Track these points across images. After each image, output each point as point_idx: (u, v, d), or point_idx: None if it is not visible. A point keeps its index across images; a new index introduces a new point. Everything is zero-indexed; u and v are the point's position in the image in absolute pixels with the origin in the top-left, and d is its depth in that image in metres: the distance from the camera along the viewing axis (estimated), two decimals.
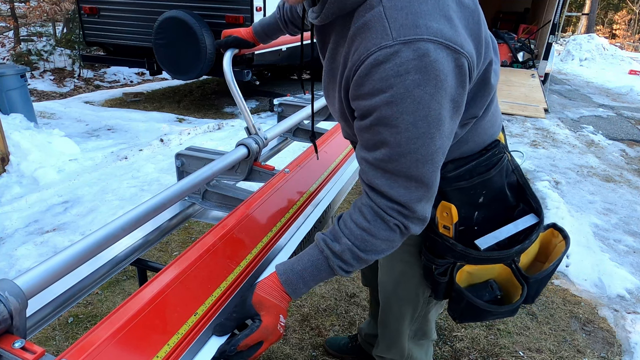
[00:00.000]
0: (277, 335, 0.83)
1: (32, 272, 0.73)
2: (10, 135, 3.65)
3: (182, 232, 2.81)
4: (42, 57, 7.81)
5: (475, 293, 0.98)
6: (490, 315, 1.00)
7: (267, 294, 0.83)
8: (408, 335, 1.20)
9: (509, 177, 0.97)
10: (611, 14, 25.95)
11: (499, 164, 0.95)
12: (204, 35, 5.01)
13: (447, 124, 0.73)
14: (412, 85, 0.67)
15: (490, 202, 0.96)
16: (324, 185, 1.39)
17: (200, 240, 0.95)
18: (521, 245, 0.95)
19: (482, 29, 0.78)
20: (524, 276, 0.98)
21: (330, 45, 0.87)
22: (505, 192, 0.97)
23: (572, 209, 3.46)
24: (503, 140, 0.99)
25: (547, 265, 1.02)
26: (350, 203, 3.53)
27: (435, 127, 0.71)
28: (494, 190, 0.96)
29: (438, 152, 0.75)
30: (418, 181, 0.76)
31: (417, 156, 0.73)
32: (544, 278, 1.00)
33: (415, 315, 1.17)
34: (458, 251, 0.94)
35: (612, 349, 2.05)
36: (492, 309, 0.97)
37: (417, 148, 0.72)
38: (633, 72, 11.85)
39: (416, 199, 0.77)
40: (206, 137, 4.69)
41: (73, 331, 1.98)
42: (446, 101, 0.71)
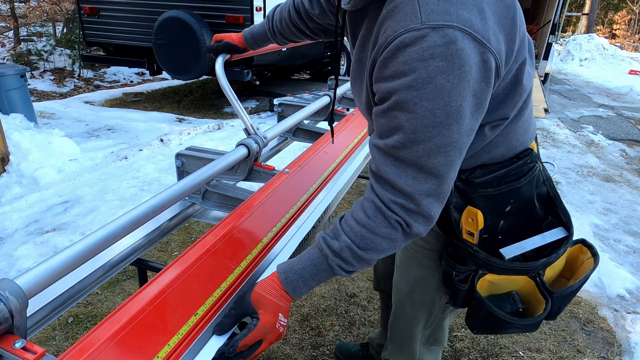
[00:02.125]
0: (276, 334, 0.82)
1: (32, 271, 0.73)
2: (10, 135, 3.65)
3: (182, 232, 2.81)
4: (42, 57, 7.81)
5: (496, 304, 0.94)
6: (510, 328, 0.96)
7: (265, 292, 0.82)
8: (420, 341, 1.18)
9: (539, 188, 0.94)
10: (611, 14, 25.95)
11: (530, 173, 0.91)
12: (204, 35, 5.01)
13: (467, 119, 0.71)
14: (435, 71, 0.66)
15: (517, 212, 0.92)
16: (324, 185, 1.39)
17: (201, 241, 0.95)
18: (547, 258, 0.91)
19: (517, 27, 0.75)
20: (548, 291, 0.94)
21: (362, 32, 0.85)
22: (533, 203, 0.93)
23: (572, 209, 3.46)
24: (536, 149, 0.96)
25: (573, 282, 0.98)
26: (351, 203, 3.53)
27: (454, 119, 0.69)
28: (522, 200, 0.92)
29: (454, 146, 0.71)
30: (428, 172, 0.72)
31: (430, 145, 0.70)
32: (569, 295, 0.97)
33: (430, 321, 1.14)
34: (481, 259, 0.91)
35: (612, 349, 2.05)
36: (513, 321, 0.94)
37: (431, 137, 0.70)
38: (633, 72, 11.85)
39: (424, 191, 0.74)
40: (206, 137, 4.69)
41: (73, 331, 1.98)
42: (468, 94, 0.68)
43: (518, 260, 0.92)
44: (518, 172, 0.91)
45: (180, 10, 5.09)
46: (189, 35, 5.03)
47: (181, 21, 5.00)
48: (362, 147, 1.77)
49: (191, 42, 5.05)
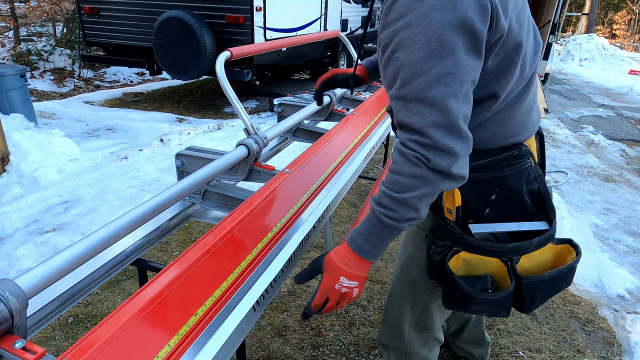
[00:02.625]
0: (337, 294, 0.89)
1: (32, 272, 0.73)
2: (10, 135, 3.65)
3: (182, 232, 2.81)
4: (42, 57, 7.81)
5: (469, 282, 0.98)
6: (476, 304, 0.99)
7: (334, 256, 0.90)
8: (409, 322, 1.21)
9: (531, 185, 0.96)
10: (611, 14, 25.95)
11: (517, 165, 0.94)
12: (204, 35, 5.01)
13: (463, 55, 0.75)
14: (429, 9, 0.73)
15: (505, 204, 0.95)
16: (324, 185, 1.39)
17: (201, 240, 0.95)
18: (519, 243, 0.93)
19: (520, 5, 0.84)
20: (516, 275, 0.97)
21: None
22: (524, 199, 0.95)
23: (572, 209, 3.46)
24: (534, 149, 1.00)
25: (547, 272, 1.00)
26: (351, 203, 3.53)
27: (449, 51, 0.74)
28: (509, 192, 0.95)
29: (452, 77, 0.75)
30: (432, 104, 0.76)
31: (429, 77, 0.75)
32: (540, 283, 0.97)
33: (417, 302, 1.18)
34: (456, 235, 0.96)
35: (612, 349, 2.05)
36: (476, 295, 0.97)
37: (429, 69, 0.75)
38: (633, 72, 11.85)
39: (431, 124, 0.76)
40: (206, 137, 4.69)
41: (73, 331, 1.98)
42: (461, 30, 0.74)
43: (492, 241, 0.96)
44: (503, 162, 0.94)
45: (180, 10, 5.09)
46: (189, 35, 5.03)
47: (181, 21, 5.00)
48: (362, 147, 1.77)
49: (191, 42, 5.05)
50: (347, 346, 1.97)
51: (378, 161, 4.26)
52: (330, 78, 1.41)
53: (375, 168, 4.10)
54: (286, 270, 1.06)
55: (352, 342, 2.00)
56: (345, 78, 1.38)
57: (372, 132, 1.96)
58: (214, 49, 5.16)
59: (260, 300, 0.93)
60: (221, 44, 5.21)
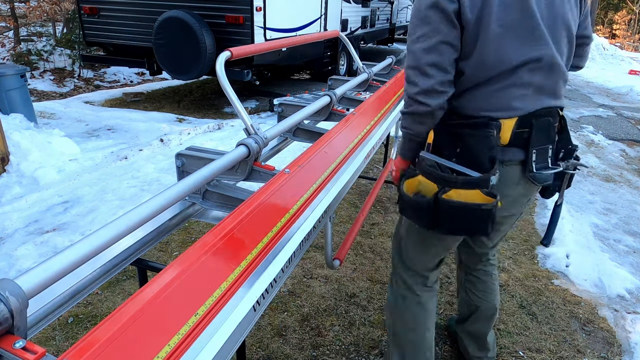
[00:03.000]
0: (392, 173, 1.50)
1: (32, 272, 0.73)
2: (10, 135, 3.65)
3: (182, 232, 2.82)
4: (42, 57, 7.81)
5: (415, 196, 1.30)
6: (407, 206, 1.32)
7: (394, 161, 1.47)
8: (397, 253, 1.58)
9: (491, 152, 1.20)
10: (611, 14, 25.95)
11: (479, 131, 1.21)
12: (204, 35, 5.01)
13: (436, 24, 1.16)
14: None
15: (467, 158, 1.22)
16: (324, 185, 1.39)
17: (201, 240, 0.95)
18: (448, 175, 1.22)
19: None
20: (438, 196, 1.22)
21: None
22: (483, 160, 1.20)
23: (572, 209, 3.46)
24: (508, 127, 1.22)
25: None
26: (351, 203, 3.53)
27: (426, 22, 1.17)
28: (470, 150, 1.22)
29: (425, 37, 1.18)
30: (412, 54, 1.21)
31: (413, 38, 1.21)
32: (451, 207, 1.21)
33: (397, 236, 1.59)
34: (419, 160, 1.29)
35: (612, 349, 2.05)
36: (405, 198, 1.30)
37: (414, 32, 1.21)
38: (633, 72, 11.85)
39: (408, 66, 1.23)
40: (206, 137, 4.69)
41: (73, 331, 1.98)
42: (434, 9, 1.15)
43: (434, 167, 1.24)
44: (469, 125, 1.24)
45: (180, 10, 5.09)
46: (189, 35, 5.03)
47: (181, 21, 5.01)
48: (362, 147, 1.77)
49: (191, 42, 5.05)
50: (347, 346, 1.97)
51: (378, 161, 4.26)
52: None
53: (375, 168, 4.10)
54: (286, 270, 1.06)
55: (352, 342, 2.00)
56: None
57: (372, 132, 1.96)
58: (214, 49, 5.16)
59: (260, 300, 0.93)
60: (221, 44, 5.21)
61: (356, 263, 2.59)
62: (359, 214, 2.28)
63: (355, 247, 2.75)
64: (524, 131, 1.24)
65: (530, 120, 1.23)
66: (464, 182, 1.20)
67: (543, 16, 1.16)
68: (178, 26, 5.04)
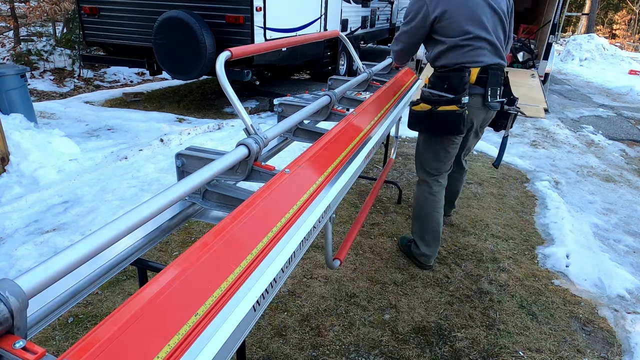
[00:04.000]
0: None
1: (32, 271, 0.73)
2: (10, 135, 3.65)
3: (182, 232, 2.82)
4: (42, 57, 7.81)
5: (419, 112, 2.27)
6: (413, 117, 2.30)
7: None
8: (416, 159, 2.54)
9: (464, 86, 2.12)
10: (611, 14, 25.95)
11: (458, 73, 2.13)
12: (204, 35, 5.01)
13: (415, 22, 2.18)
14: (413, 2, 2.19)
15: (450, 91, 2.15)
16: (324, 185, 1.39)
17: (201, 240, 0.95)
18: (437, 97, 2.18)
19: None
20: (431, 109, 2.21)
21: None
22: (461, 92, 2.13)
23: (572, 209, 3.46)
24: (475, 72, 2.14)
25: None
26: (351, 203, 3.53)
27: (410, 20, 2.19)
28: (451, 86, 2.14)
29: (408, 30, 2.24)
30: (398, 38, 2.35)
31: (401, 30, 2.29)
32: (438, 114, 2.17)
33: (418, 148, 2.50)
34: (422, 92, 2.26)
35: (612, 349, 2.05)
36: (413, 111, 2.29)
37: (403, 23, 2.27)
38: (633, 72, 11.85)
39: (393, 44, 2.42)
40: (206, 137, 4.69)
41: (73, 331, 1.98)
42: (416, 13, 2.16)
43: (429, 96, 2.22)
44: (452, 70, 2.16)
45: (180, 10, 5.09)
46: (189, 35, 5.03)
47: (181, 21, 5.00)
48: (362, 147, 1.77)
49: (191, 42, 5.05)
50: (347, 346, 1.97)
51: (378, 161, 4.26)
52: None
53: (375, 168, 4.10)
54: (286, 270, 1.06)
55: (352, 342, 2.00)
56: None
57: (372, 132, 1.96)
58: (214, 49, 5.16)
59: (260, 300, 0.93)
60: (221, 44, 5.21)
61: (356, 263, 2.59)
62: (359, 214, 2.28)
63: (355, 247, 2.75)
64: (483, 76, 2.15)
65: (487, 70, 2.14)
66: (447, 101, 2.14)
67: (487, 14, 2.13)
68: (178, 26, 5.04)
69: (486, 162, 4.45)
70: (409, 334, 2.07)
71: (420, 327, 2.11)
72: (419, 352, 1.96)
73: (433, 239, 2.49)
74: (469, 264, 2.64)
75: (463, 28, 2.08)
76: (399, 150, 4.64)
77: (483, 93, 2.17)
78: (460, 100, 2.08)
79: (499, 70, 2.17)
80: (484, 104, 2.21)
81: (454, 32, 2.08)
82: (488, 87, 2.14)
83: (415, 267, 2.57)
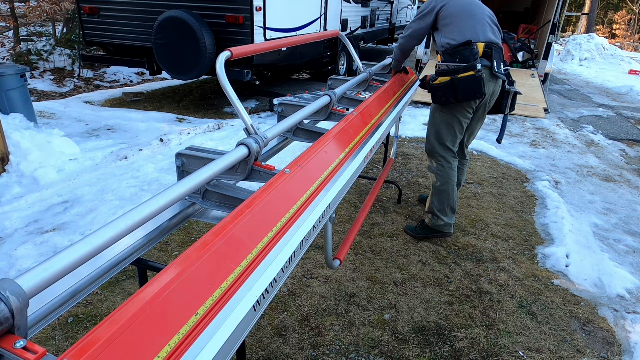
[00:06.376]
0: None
1: (33, 271, 0.73)
2: (10, 135, 3.65)
3: (182, 232, 2.82)
4: (42, 57, 7.80)
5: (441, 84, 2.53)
6: (435, 89, 2.54)
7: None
8: (433, 137, 2.74)
9: (475, 57, 2.45)
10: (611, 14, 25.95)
11: (468, 48, 2.46)
12: (204, 35, 5.01)
13: (424, 17, 2.65)
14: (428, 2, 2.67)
15: (462, 63, 2.46)
16: (324, 185, 1.39)
17: (201, 240, 0.95)
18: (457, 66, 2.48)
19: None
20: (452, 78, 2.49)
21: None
22: (472, 61, 2.44)
23: (572, 209, 3.46)
24: (481, 47, 2.48)
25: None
26: (351, 203, 3.53)
27: (421, 17, 2.67)
28: (463, 58, 2.46)
29: (415, 25, 2.70)
30: (408, 30, 2.75)
31: (410, 26, 2.73)
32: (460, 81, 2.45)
33: (434, 125, 2.73)
34: (438, 67, 2.58)
35: (612, 349, 2.05)
36: (434, 85, 2.54)
37: (415, 18, 2.71)
38: (633, 72, 11.85)
39: (403, 34, 2.80)
40: (206, 137, 4.69)
41: (73, 331, 1.98)
42: (426, 11, 2.65)
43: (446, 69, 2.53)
44: (462, 45, 2.48)
45: (180, 10, 5.09)
46: (189, 35, 5.03)
47: (181, 21, 5.00)
48: (362, 147, 1.77)
49: (191, 42, 5.05)
50: (347, 346, 1.98)
51: (378, 161, 4.26)
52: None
53: (375, 168, 4.10)
54: (286, 270, 1.06)
55: (352, 342, 2.00)
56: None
57: (372, 132, 1.96)
58: (214, 49, 5.16)
59: (261, 300, 0.93)
60: (221, 44, 5.21)
61: (356, 263, 2.59)
62: (359, 214, 2.28)
63: (355, 247, 2.75)
64: (488, 51, 2.49)
65: (490, 46, 2.50)
66: (465, 68, 2.43)
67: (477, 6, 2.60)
68: (178, 26, 5.04)
69: (486, 162, 4.45)
70: (409, 334, 2.07)
71: (420, 327, 2.11)
72: (419, 352, 1.96)
73: (452, 209, 2.80)
74: (469, 264, 2.64)
75: (465, 9, 2.55)
76: (399, 150, 4.64)
77: (490, 65, 2.49)
78: (475, 66, 2.39)
79: (500, 49, 2.56)
80: (492, 75, 2.51)
81: (458, 14, 2.54)
82: (494, 59, 2.48)
83: (415, 266, 2.57)
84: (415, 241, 2.85)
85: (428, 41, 8.23)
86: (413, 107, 6.46)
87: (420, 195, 3.52)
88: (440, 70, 2.52)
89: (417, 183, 3.82)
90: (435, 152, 2.73)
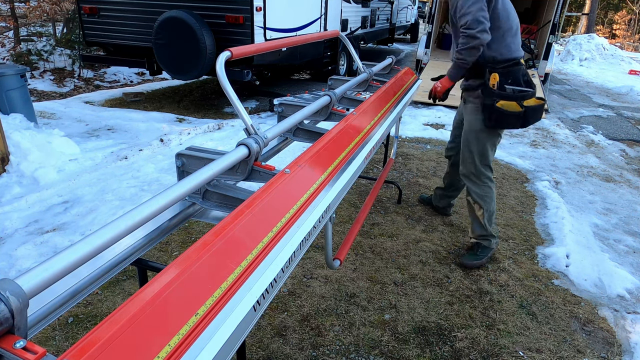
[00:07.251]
0: (433, 88, 2.65)
1: (33, 271, 0.73)
2: (10, 135, 3.65)
3: (182, 232, 2.82)
4: (42, 57, 7.80)
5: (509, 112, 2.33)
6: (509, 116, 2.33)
7: (440, 80, 2.62)
8: (475, 158, 2.54)
9: (525, 77, 2.36)
10: (611, 14, 25.95)
11: (517, 67, 2.34)
12: (204, 35, 5.01)
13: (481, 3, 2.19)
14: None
15: (514, 84, 2.32)
16: (324, 185, 1.39)
17: (201, 240, 0.95)
18: (519, 93, 2.33)
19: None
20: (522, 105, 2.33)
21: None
22: (521, 81, 2.34)
23: (572, 209, 3.46)
24: (523, 61, 2.39)
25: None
26: (351, 203, 3.53)
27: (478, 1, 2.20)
28: (516, 78, 2.33)
29: (474, 5, 2.17)
30: (467, 11, 2.19)
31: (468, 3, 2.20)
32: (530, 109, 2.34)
33: (478, 147, 2.52)
34: (493, 92, 2.31)
35: (612, 349, 2.05)
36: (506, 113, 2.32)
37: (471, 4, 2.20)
38: (633, 72, 11.85)
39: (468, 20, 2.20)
40: (206, 137, 4.69)
41: (73, 331, 1.98)
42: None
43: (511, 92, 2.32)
44: (513, 64, 2.34)
45: (180, 10, 5.09)
46: (189, 35, 5.03)
47: (181, 21, 5.01)
48: (362, 147, 1.77)
49: (191, 42, 5.05)
50: (347, 346, 1.98)
51: (378, 161, 4.26)
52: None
53: (375, 168, 4.10)
54: (286, 270, 1.06)
55: (352, 342, 2.00)
56: None
57: (372, 132, 1.96)
58: (214, 49, 5.16)
59: (261, 300, 0.93)
60: (221, 44, 5.21)
61: (356, 263, 2.59)
62: (359, 214, 2.28)
63: (355, 247, 2.75)
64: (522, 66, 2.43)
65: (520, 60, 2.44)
66: (524, 95, 2.31)
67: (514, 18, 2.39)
68: (178, 26, 5.04)
69: None
70: (409, 334, 2.07)
71: (420, 327, 2.11)
72: (419, 352, 1.96)
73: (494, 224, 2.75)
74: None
75: (511, 16, 2.35)
76: (399, 150, 4.64)
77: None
78: (535, 94, 2.36)
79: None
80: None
81: (506, 20, 2.33)
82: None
83: (415, 266, 2.57)
84: (415, 241, 2.85)
85: (428, 41, 8.23)
86: (413, 107, 6.46)
87: (420, 195, 3.48)
88: (501, 94, 2.28)
89: (417, 183, 3.82)
90: (481, 174, 2.55)
